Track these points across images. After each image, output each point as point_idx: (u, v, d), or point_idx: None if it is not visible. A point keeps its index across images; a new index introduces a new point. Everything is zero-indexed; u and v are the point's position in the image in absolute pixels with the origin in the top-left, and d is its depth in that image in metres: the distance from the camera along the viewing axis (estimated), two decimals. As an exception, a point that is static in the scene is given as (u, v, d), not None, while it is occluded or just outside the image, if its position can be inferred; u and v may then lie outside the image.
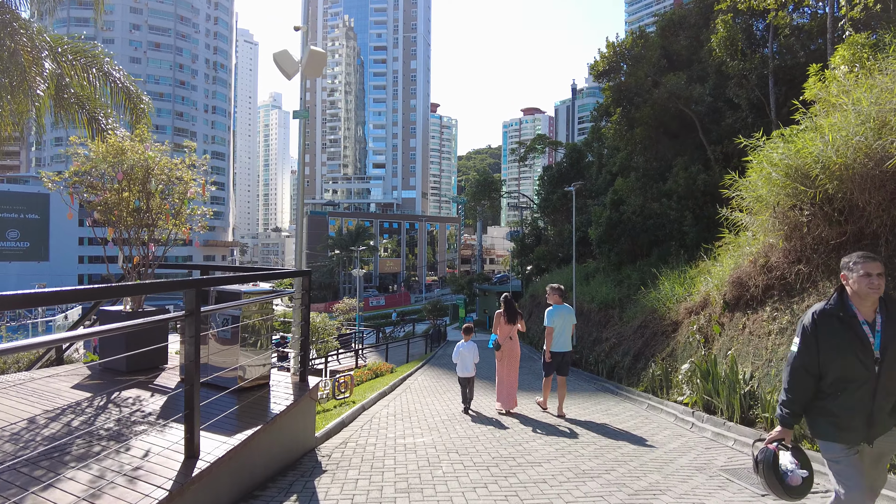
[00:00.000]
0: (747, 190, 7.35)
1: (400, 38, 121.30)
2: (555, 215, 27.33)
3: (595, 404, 9.60)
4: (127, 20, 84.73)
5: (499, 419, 7.88)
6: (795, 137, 6.39)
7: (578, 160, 26.83)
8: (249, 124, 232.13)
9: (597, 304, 16.23)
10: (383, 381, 12.51)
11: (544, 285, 25.22)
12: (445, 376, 14.02)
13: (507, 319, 8.38)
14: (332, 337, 18.28)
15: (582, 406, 9.41)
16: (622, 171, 18.99)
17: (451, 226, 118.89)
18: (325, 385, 9.08)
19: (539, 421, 7.78)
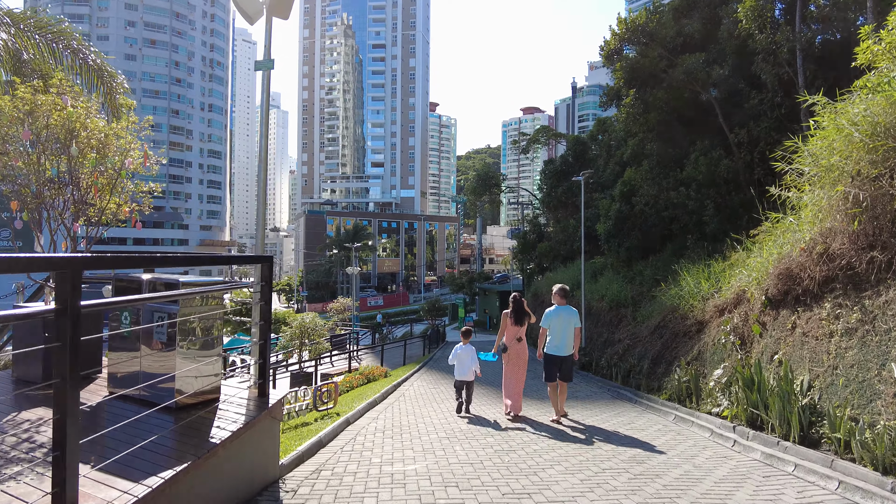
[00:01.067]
0: (811, 159, 6.14)
1: (399, 36, 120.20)
2: (558, 211, 26.16)
3: (615, 415, 8.43)
4: (122, 17, 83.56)
5: (505, 431, 6.78)
6: (886, 86, 5.22)
7: (583, 153, 25.64)
8: (248, 124, 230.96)
9: (607, 302, 15.08)
10: (375, 387, 11.36)
11: (548, 284, 24.10)
12: (444, 381, 12.86)
13: (514, 320, 7.94)
14: (323, 338, 17.14)
15: (601, 417, 8.25)
16: (634, 159, 17.83)
17: (450, 225, 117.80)
18: (305, 395, 7.93)
19: (551, 433, 6.63)
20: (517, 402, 7.90)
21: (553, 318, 7.70)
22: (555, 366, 7.70)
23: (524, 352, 8.03)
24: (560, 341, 7.67)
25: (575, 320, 7.78)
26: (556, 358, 7.68)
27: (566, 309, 7.79)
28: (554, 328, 7.69)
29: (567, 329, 7.69)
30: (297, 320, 16.28)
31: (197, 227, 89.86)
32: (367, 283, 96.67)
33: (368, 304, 73.57)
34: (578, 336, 7.88)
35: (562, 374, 7.75)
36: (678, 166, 14.22)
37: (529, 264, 33.46)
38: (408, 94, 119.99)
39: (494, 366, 15.75)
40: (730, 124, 13.48)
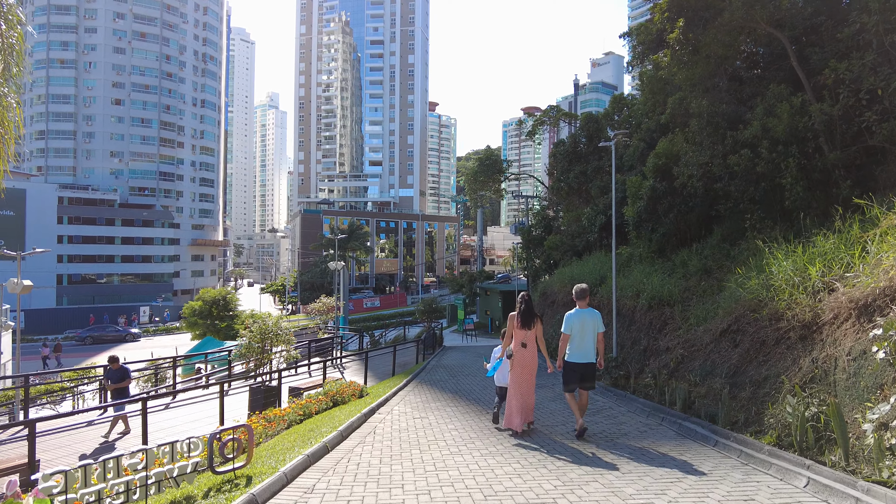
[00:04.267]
0: None
1: (397, 31, 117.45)
2: (570, 198, 23.02)
3: (701, 482, 5.25)
4: (111, 8, 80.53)
5: None
6: None
7: (597, 132, 22.50)
8: (246, 124, 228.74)
9: (645, 300, 11.94)
10: (340, 414, 8.25)
11: (559, 281, 20.89)
12: (437, 402, 9.76)
13: (520, 324, 7.25)
14: (290, 345, 14.00)
15: (670, 478, 5.09)
16: (674, 122, 14.69)
17: (449, 225, 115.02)
18: (196, 447, 4.80)
19: None
20: (518, 419, 7.09)
21: (575, 322, 7.11)
22: (576, 374, 7.16)
23: (531, 360, 7.26)
24: (582, 348, 7.10)
25: (598, 324, 7.19)
26: (578, 366, 7.14)
27: (589, 312, 7.19)
28: (576, 334, 7.10)
29: (589, 334, 7.10)
30: (258, 323, 13.13)
31: (189, 226, 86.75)
32: (365, 283, 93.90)
33: (364, 305, 70.63)
34: (602, 342, 7.22)
35: (584, 383, 7.19)
36: (734, 126, 11.11)
37: (535, 261, 30.32)
38: (406, 91, 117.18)
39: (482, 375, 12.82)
40: (808, 69, 10.38)
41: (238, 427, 4.99)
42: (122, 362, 11.53)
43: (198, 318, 26.76)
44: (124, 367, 11.28)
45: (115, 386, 11.03)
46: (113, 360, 11.31)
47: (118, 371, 11.06)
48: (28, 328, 52.69)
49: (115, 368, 11.11)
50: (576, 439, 6.83)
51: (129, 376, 11.16)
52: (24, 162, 79.48)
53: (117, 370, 11.09)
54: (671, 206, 14.10)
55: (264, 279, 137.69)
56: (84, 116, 78.77)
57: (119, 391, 11.08)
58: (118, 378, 10.99)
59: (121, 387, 11.04)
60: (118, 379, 11.00)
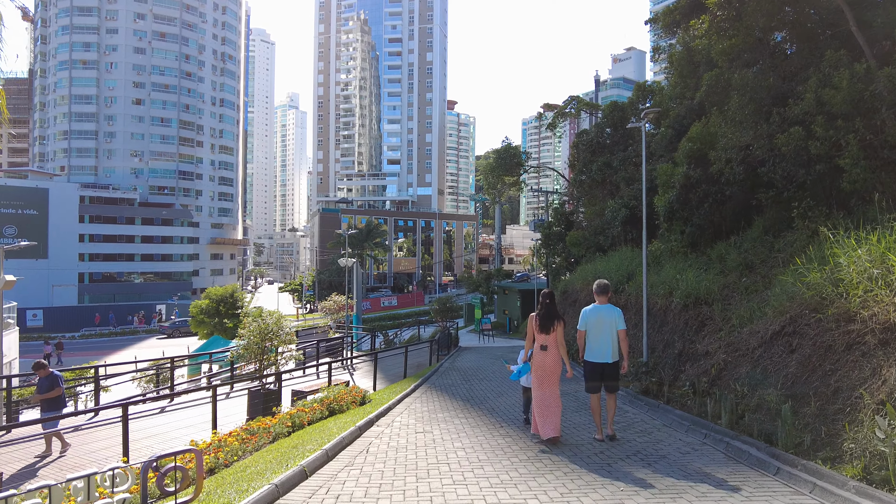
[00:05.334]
0: None
1: (416, 29, 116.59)
2: (593, 191, 21.76)
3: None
4: (131, 9, 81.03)
5: None
6: None
7: (622, 121, 21.23)
8: (266, 125, 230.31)
9: (679, 298, 10.74)
10: (332, 427, 7.25)
11: (581, 279, 19.62)
12: (448, 411, 8.72)
13: (539, 326, 6.75)
14: (291, 346, 13.08)
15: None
16: (710, 100, 13.43)
17: (468, 224, 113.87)
18: (124, 479, 3.83)
19: None
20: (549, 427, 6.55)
21: (590, 318, 6.76)
22: (596, 373, 6.76)
23: (553, 363, 6.69)
24: (600, 346, 6.69)
25: (618, 321, 6.70)
26: (598, 365, 6.72)
27: (607, 308, 6.76)
28: (592, 331, 6.73)
29: (608, 332, 6.68)
30: (256, 321, 12.22)
31: (208, 225, 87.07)
32: (383, 282, 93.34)
33: (382, 304, 69.89)
34: (626, 341, 6.68)
35: (606, 385, 6.79)
36: (781, 103, 9.87)
37: (555, 258, 29.09)
38: (425, 89, 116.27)
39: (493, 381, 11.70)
40: (870, 36, 9.11)
41: (183, 452, 4.01)
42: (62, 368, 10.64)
43: (205, 316, 26.12)
44: (55, 375, 9.50)
45: (41, 397, 9.38)
46: (39, 367, 9.50)
47: (47, 379, 9.36)
48: (47, 326, 53.11)
49: (44, 376, 9.39)
50: (608, 464, 5.73)
51: (61, 384, 9.49)
52: (47, 162, 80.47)
53: (46, 378, 9.36)
54: (706, 194, 12.87)
55: (284, 278, 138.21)
56: (105, 116, 79.38)
57: (50, 402, 9.43)
58: (46, 387, 9.30)
59: (50, 397, 9.35)
60: (46, 388, 9.30)
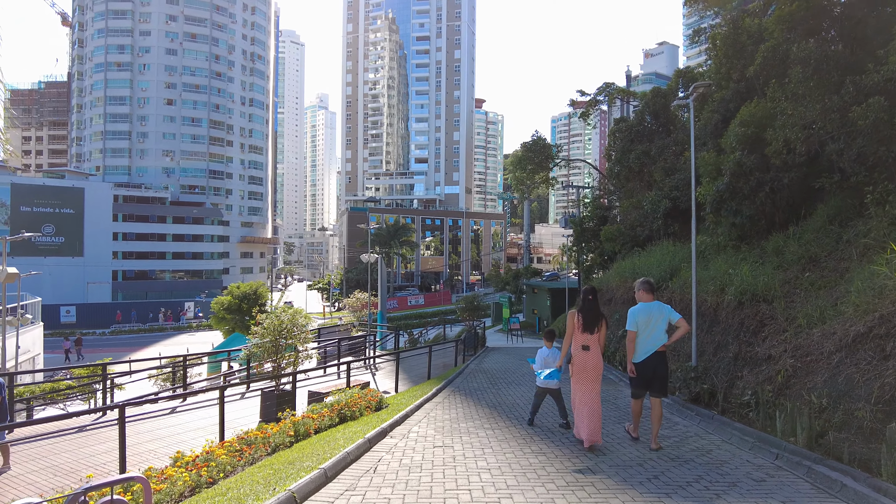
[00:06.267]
0: None
1: (443, 27, 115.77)
2: (630, 182, 20.51)
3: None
4: (163, 11, 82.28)
5: None
6: None
7: (664, 108, 19.95)
8: (297, 125, 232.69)
9: (732, 296, 9.58)
10: (340, 437, 6.37)
11: (618, 276, 18.38)
12: (472, 420, 7.78)
13: (582, 325, 6.26)
14: (308, 344, 12.30)
15: None
16: (765, 74, 12.16)
17: (496, 223, 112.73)
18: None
19: None
20: (591, 431, 6.16)
21: (640, 317, 6.25)
22: (644, 376, 6.25)
23: (595, 363, 6.32)
24: (650, 346, 6.19)
25: (671, 314, 6.26)
26: (647, 366, 6.20)
27: (656, 306, 6.31)
28: (643, 331, 6.22)
29: (660, 329, 6.20)
30: (269, 318, 11.46)
31: (238, 223, 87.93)
32: (411, 281, 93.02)
33: (409, 302, 69.36)
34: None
35: (655, 387, 6.25)
36: (855, 71, 8.64)
37: (587, 256, 27.83)
38: (453, 87, 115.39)
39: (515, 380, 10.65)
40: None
41: (125, 481, 3.18)
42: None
43: (226, 313, 25.75)
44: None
45: None
46: None
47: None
48: (80, 322, 54.03)
49: None
50: (667, 495, 4.70)
51: (2, 392, 7.90)
52: (84, 162, 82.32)
53: None
54: (760, 182, 11.63)
55: (313, 276, 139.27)
56: (138, 117, 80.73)
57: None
58: None
59: None
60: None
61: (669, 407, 9.03)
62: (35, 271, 25.43)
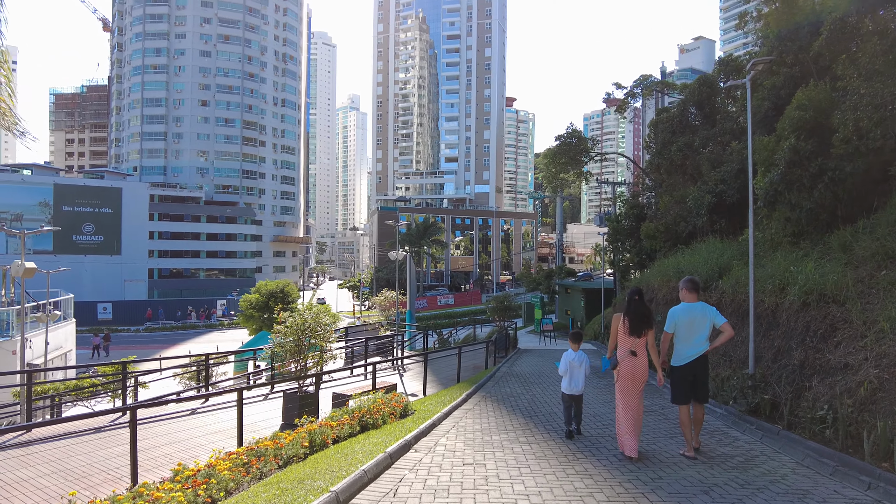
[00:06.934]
0: None
1: (474, 25, 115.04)
2: (672, 176, 19.42)
3: None
4: (198, 14, 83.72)
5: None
6: None
7: (709, 98, 18.81)
8: (328, 126, 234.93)
9: (796, 296, 8.62)
10: (359, 450, 5.73)
11: (660, 275, 17.34)
12: (506, 430, 7.07)
13: (629, 329, 5.88)
14: (333, 344, 11.76)
15: None
16: (831, 50, 11.09)
17: (526, 222, 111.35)
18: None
19: None
20: (627, 438, 5.81)
21: (681, 319, 5.86)
22: (685, 381, 5.84)
23: (643, 370, 5.87)
24: (691, 349, 5.80)
25: (715, 317, 5.82)
26: (687, 369, 5.80)
27: (700, 307, 5.90)
28: (683, 333, 5.85)
29: (702, 332, 5.79)
30: (293, 316, 10.93)
31: (270, 223, 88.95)
32: (441, 281, 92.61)
33: (438, 302, 68.83)
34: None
35: (697, 392, 5.88)
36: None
37: (623, 255, 26.74)
38: (483, 86, 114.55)
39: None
40: None
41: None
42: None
43: (254, 310, 25.57)
44: None
45: None
46: None
47: None
48: (116, 319, 55.18)
49: None
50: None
51: None
52: (122, 163, 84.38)
53: None
54: (821, 171, 10.60)
55: (344, 275, 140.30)
56: (174, 118, 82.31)
57: None
58: None
59: None
60: None
61: (724, 418, 8.15)
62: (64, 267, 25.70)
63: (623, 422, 6.00)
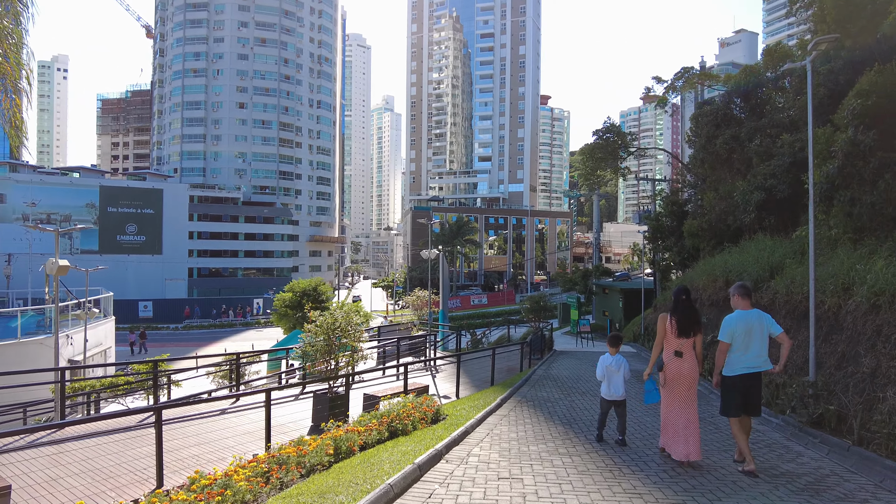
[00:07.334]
0: None
1: (508, 23, 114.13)
2: (717, 171, 18.47)
3: None
4: (236, 18, 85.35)
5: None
6: None
7: (755, 88, 17.83)
8: (363, 127, 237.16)
9: (864, 297, 7.87)
10: (387, 459, 5.37)
11: (706, 274, 16.55)
12: (545, 441, 6.61)
13: (677, 330, 5.62)
14: (363, 344, 11.46)
15: None
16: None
17: (561, 221, 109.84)
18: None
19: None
20: (686, 443, 5.53)
21: (738, 327, 5.44)
22: (738, 392, 5.43)
23: (690, 370, 5.62)
24: (748, 359, 5.41)
25: (771, 327, 5.44)
26: (743, 380, 5.41)
27: (755, 314, 5.52)
28: (739, 342, 5.44)
29: (756, 342, 5.42)
30: (323, 315, 10.68)
31: (307, 223, 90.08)
32: (474, 280, 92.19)
33: (472, 302, 68.40)
34: (788, 345, 5.48)
35: (749, 405, 5.45)
36: None
37: (664, 254, 25.80)
38: (517, 84, 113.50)
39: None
40: None
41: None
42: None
43: (287, 309, 25.64)
44: None
45: None
46: None
47: None
48: (156, 317, 56.62)
49: None
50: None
51: None
52: (164, 165, 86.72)
53: None
54: (883, 164, 9.77)
55: (379, 275, 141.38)
56: (213, 120, 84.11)
57: None
58: None
59: None
60: None
61: (782, 430, 7.50)
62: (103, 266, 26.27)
63: (670, 426, 5.79)
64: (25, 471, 7.88)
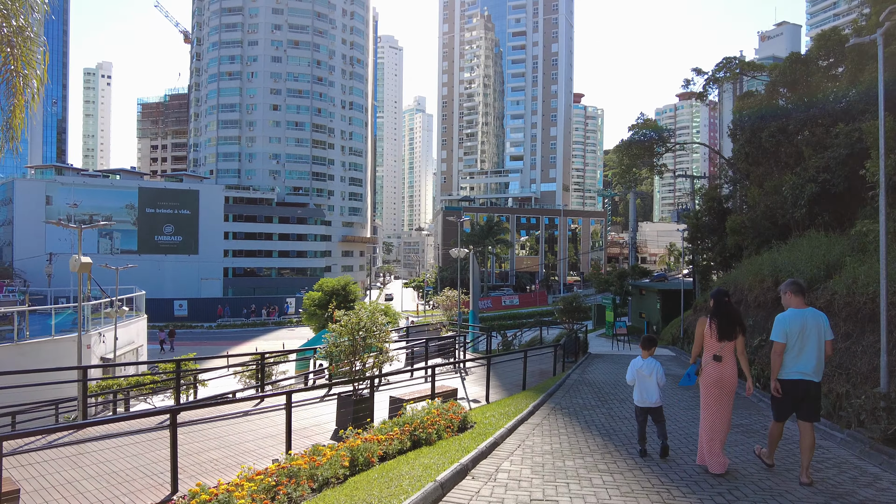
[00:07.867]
0: None
1: (540, 21, 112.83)
2: (762, 165, 17.43)
3: None
4: (269, 21, 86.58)
5: None
6: None
7: (804, 76, 16.69)
8: (395, 128, 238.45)
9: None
10: (407, 472, 4.88)
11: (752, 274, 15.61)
12: (582, 455, 6.03)
13: (718, 334, 5.32)
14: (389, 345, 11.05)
15: None
16: None
17: (595, 221, 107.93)
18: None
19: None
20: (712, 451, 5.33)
21: (792, 326, 5.06)
22: (792, 398, 5.10)
23: (730, 376, 5.32)
24: (803, 362, 5.04)
25: (826, 329, 5.07)
26: (799, 385, 5.04)
27: (811, 313, 5.14)
28: (794, 343, 5.05)
29: (812, 343, 5.04)
30: (348, 314, 10.29)
31: (339, 223, 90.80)
32: (505, 281, 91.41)
33: (503, 303, 67.69)
34: (830, 354, 5.17)
35: (803, 411, 5.08)
36: None
37: (704, 255, 24.73)
38: (550, 82, 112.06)
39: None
40: None
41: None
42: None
43: (316, 308, 25.50)
44: None
45: None
46: None
47: None
48: (191, 315, 57.65)
49: None
50: None
51: None
52: (200, 166, 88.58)
53: None
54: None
55: (410, 275, 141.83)
56: (247, 122, 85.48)
57: None
58: None
59: None
60: None
61: (849, 446, 6.73)
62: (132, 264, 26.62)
63: (706, 434, 5.51)
64: (42, 472, 7.71)
